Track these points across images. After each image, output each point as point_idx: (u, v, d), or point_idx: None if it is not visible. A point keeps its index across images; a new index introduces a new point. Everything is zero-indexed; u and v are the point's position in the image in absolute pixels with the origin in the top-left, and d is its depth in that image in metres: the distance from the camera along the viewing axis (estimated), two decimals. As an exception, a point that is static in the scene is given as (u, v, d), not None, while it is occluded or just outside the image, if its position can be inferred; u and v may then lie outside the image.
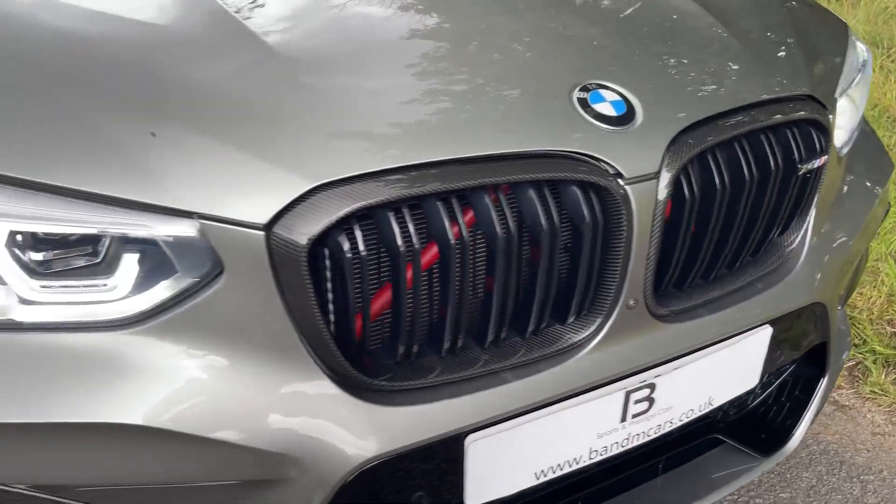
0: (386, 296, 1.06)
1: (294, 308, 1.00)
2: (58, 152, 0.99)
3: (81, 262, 1.02)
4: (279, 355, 1.02)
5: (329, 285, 1.03)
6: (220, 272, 0.99)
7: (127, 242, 1.01)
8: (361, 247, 0.98)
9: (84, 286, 1.02)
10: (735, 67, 1.35)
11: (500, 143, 1.07)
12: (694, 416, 1.36)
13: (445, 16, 1.28)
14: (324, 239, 0.98)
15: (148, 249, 1.01)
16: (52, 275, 1.01)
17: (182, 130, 1.00)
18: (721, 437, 1.60)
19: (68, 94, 1.03)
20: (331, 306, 1.04)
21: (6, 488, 1.03)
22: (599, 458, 1.27)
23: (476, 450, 1.12)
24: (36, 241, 1.01)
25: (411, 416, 1.08)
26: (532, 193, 1.06)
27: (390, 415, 1.07)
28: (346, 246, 0.98)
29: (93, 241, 1.01)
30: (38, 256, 1.01)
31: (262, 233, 0.97)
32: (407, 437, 1.07)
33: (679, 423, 1.34)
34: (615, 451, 1.28)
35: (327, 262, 1.01)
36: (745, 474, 1.58)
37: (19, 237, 1.00)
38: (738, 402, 1.59)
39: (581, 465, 1.26)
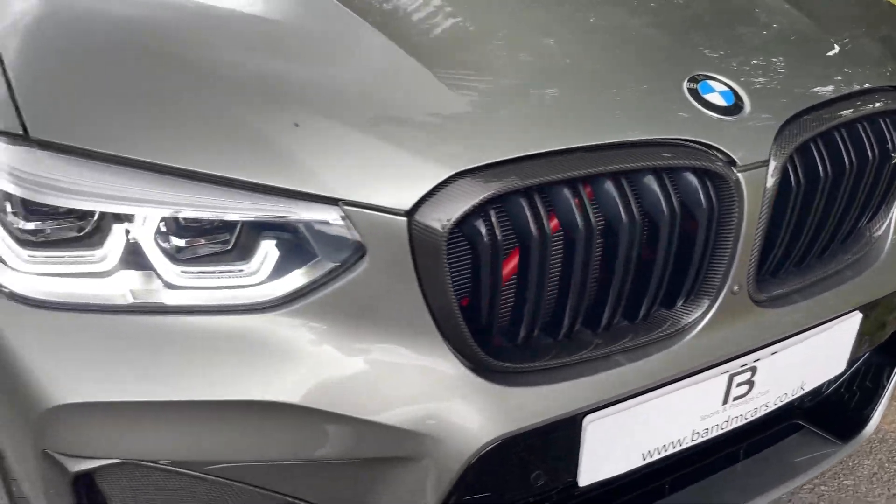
0: (512, 279, 1.09)
1: (429, 291, 1.04)
2: (205, 142, 1.02)
3: (221, 249, 1.06)
4: (412, 337, 1.06)
5: (459, 269, 1.07)
6: (360, 257, 1.03)
7: (267, 229, 1.05)
8: (498, 232, 1.01)
9: (223, 272, 1.05)
10: (827, 59, 1.38)
11: (620, 131, 1.11)
12: (786, 401, 1.39)
13: (560, 10, 1.31)
14: (460, 224, 1.01)
15: (288, 236, 1.04)
16: (193, 261, 1.05)
17: (324, 121, 1.03)
18: (801, 422, 1.64)
19: (211, 88, 1.07)
20: (462, 290, 1.07)
21: (148, 464, 1.07)
22: (700, 440, 1.30)
23: (594, 430, 1.15)
24: (179, 229, 1.05)
25: (534, 397, 1.11)
26: (651, 180, 1.10)
27: (514, 395, 1.10)
28: (483, 231, 1.01)
29: (232, 227, 1.05)
30: (181, 243, 1.05)
31: (404, 219, 1.00)
32: (531, 416, 1.10)
33: (773, 407, 1.38)
34: (714, 433, 1.32)
35: (461, 248, 1.05)
36: (826, 459, 1.61)
37: (163, 225, 1.04)
38: (818, 388, 1.62)
39: (683, 446, 1.29)
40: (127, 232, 1.05)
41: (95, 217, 1.05)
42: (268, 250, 1.05)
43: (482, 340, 1.09)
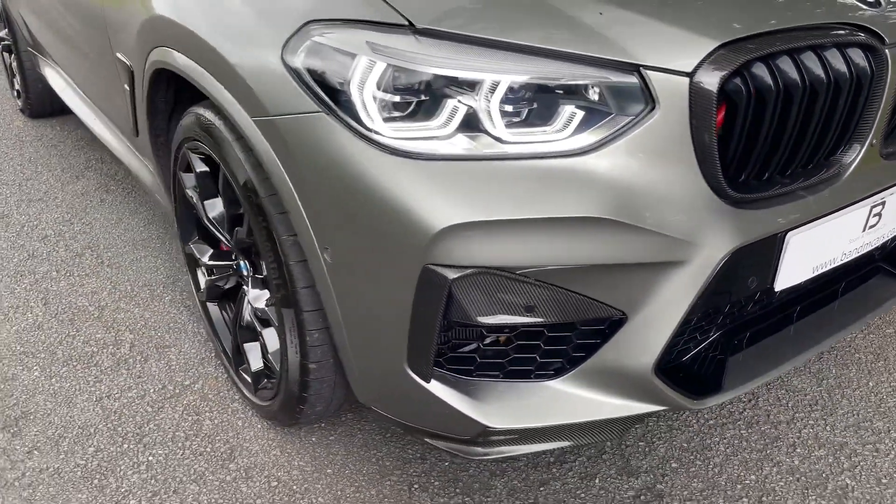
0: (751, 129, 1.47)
1: (697, 137, 1.41)
2: (538, 27, 1.38)
3: (540, 114, 1.40)
4: (680, 170, 1.43)
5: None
6: (649, 112, 1.39)
7: (571, 97, 1.39)
8: (752, 87, 1.40)
9: (539, 131, 1.40)
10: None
11: (813, 17, 1.51)
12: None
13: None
14: (723, 85, 1.39)
15: (585, 102, 1.39)
16: (517, 124, 1.40)
17: (620, 10, 1.40)
18: (883, 265, 2.09)
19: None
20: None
21: (491, 271, 1.40)
22: (843, 260, 1.73)
23: (793, 244, 1.56)
24: (509, 99, 1.39)
25: (756, 218, 1.50)
26: (835, 53, 1.50)
27: (745, 216, 1.49)
28: (741, 86, 1.39)
29: (552, 95, 1.40)
30: (508, 108, 1.40)
31: (686, 79, 1.37)
32: (757, 231, 1.50)
33: (887, 238, 1.81)
34: (852, 256, 1.74)
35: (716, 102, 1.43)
36: (900, 294, 2.07)
37: (500, 94, 1.38)
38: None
39: (833, 265, 1.71)
40: (460, 102, 1.39)
41: (440, 93, 1.39)
42: (573, 111, 1.40)
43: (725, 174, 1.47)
